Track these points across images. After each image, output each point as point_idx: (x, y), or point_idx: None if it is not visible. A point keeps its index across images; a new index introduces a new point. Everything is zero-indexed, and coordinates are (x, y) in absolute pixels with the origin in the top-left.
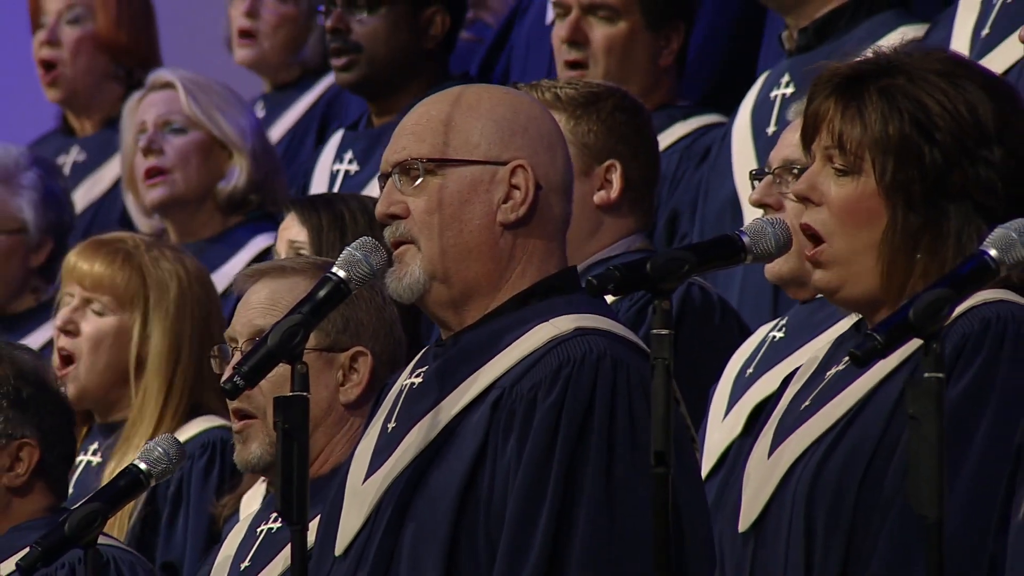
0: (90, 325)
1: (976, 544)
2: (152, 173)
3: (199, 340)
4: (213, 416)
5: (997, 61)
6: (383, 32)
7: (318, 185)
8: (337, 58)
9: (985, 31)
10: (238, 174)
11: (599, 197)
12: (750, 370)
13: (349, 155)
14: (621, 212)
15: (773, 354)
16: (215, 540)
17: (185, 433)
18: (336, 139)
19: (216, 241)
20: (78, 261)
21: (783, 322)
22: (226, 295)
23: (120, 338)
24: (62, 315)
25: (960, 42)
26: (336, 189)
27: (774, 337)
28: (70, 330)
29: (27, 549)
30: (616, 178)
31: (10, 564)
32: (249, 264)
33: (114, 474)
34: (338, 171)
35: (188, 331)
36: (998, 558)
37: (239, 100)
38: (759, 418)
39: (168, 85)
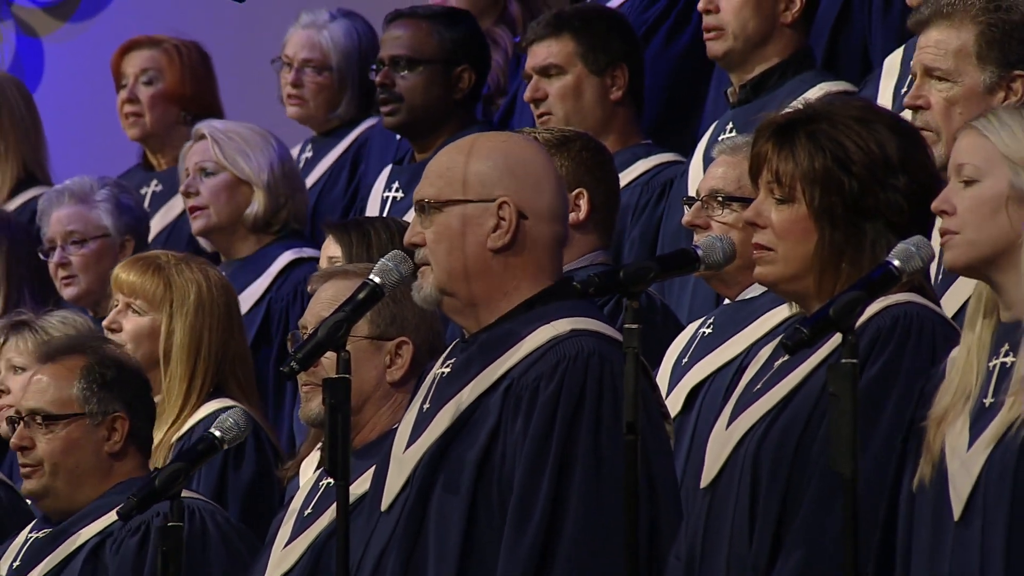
0: (130, 323)
1: (877, 501)
2: (192, 210)
3: (220, 336)
4: (226, 399)
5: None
6: (421, 86)
7: (371, 209)
8: (384, 106)
9: (904, 89)
10: (257, 205)
11: (570, 218)
12: (685, 360)
13: (396, 185)
14: (587, 231)
15: (703, 346)
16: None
17: (202, 412)
18: (386, 172)
19: (249, 261)
20: (119, 273)
21: (711, 320)
22: (298, 294)
23: (153, 334)
24: (109, 317)
25: (884, 98)
26: (385, 213)
27: (704, 332)
28: (114, 328)
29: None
30: (584, 203)
31: (113, 515)
32: (276, 277)
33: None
34: (387, 198)
35: (208, 329)
36: (890, 518)
37: (262, 140)
38: (695, 398)
39: (203, 137)
